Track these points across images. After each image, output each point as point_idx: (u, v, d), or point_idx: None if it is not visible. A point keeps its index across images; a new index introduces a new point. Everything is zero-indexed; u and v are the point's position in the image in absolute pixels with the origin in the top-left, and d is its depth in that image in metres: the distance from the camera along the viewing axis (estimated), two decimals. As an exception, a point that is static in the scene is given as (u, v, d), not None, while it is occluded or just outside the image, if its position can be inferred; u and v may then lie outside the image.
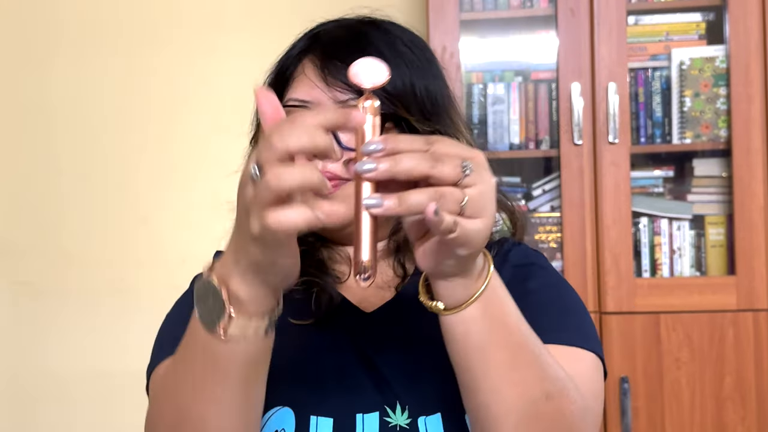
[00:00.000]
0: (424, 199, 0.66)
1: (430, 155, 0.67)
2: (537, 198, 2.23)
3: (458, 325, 0.75)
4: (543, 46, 2.24)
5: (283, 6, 2.54)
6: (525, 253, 1.05)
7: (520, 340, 0.76)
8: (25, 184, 2.62)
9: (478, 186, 0.68)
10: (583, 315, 0.99)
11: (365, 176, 0.67)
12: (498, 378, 0.76)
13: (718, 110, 2.15)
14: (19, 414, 2.61)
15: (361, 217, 0.68)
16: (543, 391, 0.76)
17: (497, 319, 0.75)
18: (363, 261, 0.68)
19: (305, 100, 0.98)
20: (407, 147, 0.67)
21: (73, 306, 2.59)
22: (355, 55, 0.96)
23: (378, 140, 0.67)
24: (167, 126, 2.59)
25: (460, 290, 0.74)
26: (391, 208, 0.66)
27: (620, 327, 2.08)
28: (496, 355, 0.75)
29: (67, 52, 2.61)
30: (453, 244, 0.69)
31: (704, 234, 2.17)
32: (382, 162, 0.66)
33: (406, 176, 0.66)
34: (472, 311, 0.74)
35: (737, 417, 2.05)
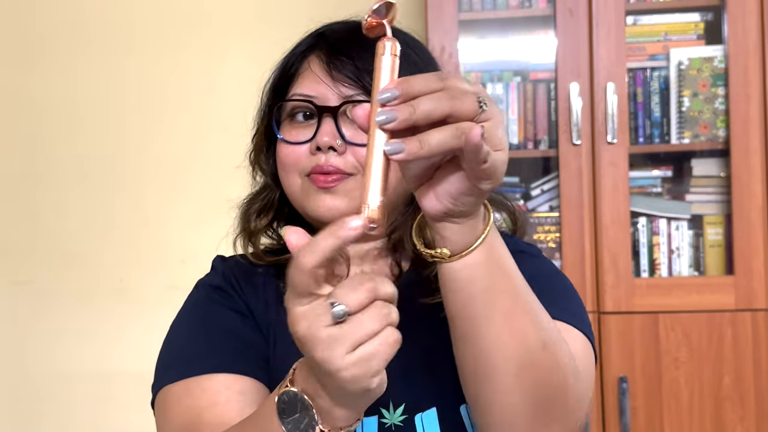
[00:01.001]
0: (447, 137, 0.64)
1: (446, 93, 0.65)
2: (536, 198, 2.24)
3: (462, 270, 0.74)
4: (542, 46, 2.25)
5: (284, 7, 2.54)
6: (516, 243, 1.05)
7: (518, 285, 0.77)
8: (24, 184, 2.63)
9: (494, 118, 0.67)
10: (573, 298, 1.00)
11: (385, 127, 0.64)
12: (500, 324, 0.75)
13: (716, 110, 2.15)
14: (19, 414, 2.61)
15: (371, 164, 0.65)
16: (540, 339, 0.76)
17: (499, 264, 0.75)
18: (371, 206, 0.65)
19: (310, 95, 0.98)
20: (423, 88, 0.65)
21: (73, 306, 2.59)
22: (361, 52, 0.97)
23: (392, 86, 0.65)
24: (167, 126, 2.59)
25: (467, 233, 0.73)
26: (413, 152, 0.64)
27: (619, 327, 2.08)
28: (498, 301, 0.75)
29: (66, 53, 2.61)
30: (483, 175, 0.68)
31: (703, 234, 2.17)
32: (400, 110, 0.64)
33: (426, 120, 0.64)
34: (477, 255, 0.73)
35: (736, 416, 2.06)
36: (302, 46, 1.03)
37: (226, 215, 1.15)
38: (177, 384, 0.93)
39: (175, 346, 1.00)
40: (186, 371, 0.94)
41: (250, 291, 1.04)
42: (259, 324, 1.01)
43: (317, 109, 0.97)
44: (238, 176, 1.13)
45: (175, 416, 0.91)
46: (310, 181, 0.97)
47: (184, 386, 0.93)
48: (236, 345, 0.97)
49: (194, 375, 0.93)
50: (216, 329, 0.99)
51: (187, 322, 1.02)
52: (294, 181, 0.99)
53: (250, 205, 1.09)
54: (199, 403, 0.90)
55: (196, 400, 0.91)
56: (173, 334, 1.02)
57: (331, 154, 0.96)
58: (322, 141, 0.95)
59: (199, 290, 1.06)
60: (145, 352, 1.01)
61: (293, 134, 0.99)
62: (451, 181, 0.69)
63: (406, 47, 1.04)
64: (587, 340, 0.94)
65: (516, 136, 2.23)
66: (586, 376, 0.88)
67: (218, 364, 0.94)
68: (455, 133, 0.64)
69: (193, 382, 0.93)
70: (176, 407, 0.92)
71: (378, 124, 0.64)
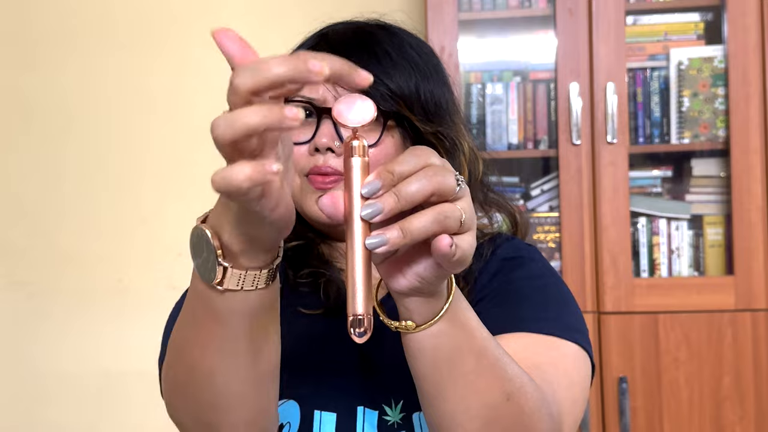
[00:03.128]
0: (429, 223, 0.63)
1: (426, 173, 0.63)
2: (535, 198, 2.23)
3: (427, 339, 0.72)
4: (541, 46, 2.24)
5: (285, 5, 2.54)
6: (516, 246, 1.05)
7: (483, 344, 0.75)
8: (23, 184, 2.62)
9: (466, 196, 0.66)
10: (566, 306, 0.99)
11: (373, 221, 0.62)
12: (464, 386, 0.74)
13: (716, 110, 2.15)
14: (19, 414, 2.60)
15: (355, 265, 0.63)
16: (504, 392, 0.75)
17: (463, 327, 0.73)
18: (358, 314, 0.63)
19: (311, 98, 0.99)
20: (401, 171, 0.63)
21: (72, 306, 2.58)
22: (362, 54, 0.98)
23: (373, 179, 0.63)
24: (166, 126, 2.58)
25: (432, 305, 0.71)
26: (396, 242, 0.62)
27: (618, 327, 2.08)
28: (463, 363, 0.74)
29: (65, 52, 2.60)
30: (452, 265, 0.66)
31: (702, 234, 2.17)
32: (384, 200, 0.62)
33: (411, 206, 0.63)
34: (441, 323, 0.71)
35: (735, 417, 2.05)
36: (304, 47, 1.04)
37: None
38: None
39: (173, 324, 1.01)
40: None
41: None
42: None
43: (316, 110, 0.98)
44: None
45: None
46: (308, 182, 0.98)
47: None
48: None
49: None
50: None
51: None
52: (294, 180, 1.00)
53: None
54: None
55: None
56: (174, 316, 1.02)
57: (329, 155, 0.97)
58: (320, 142, 0.96)
59: None
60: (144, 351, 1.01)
61: (293, 134, 0.99)
62: (420, 264, 0.67)
63: (409, 48, 1.04)
64: (580, 350, 0.94)
65: (516, 136, 2.23)
66: (569, 393, 0.88)
67: None
68: (436, 218, 0.63)
69: None
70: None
71: (364, 218, 0.63)
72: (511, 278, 1.00)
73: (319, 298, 1.00)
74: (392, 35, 1.03)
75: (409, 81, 1.00)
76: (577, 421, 0.90)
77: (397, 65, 1.01)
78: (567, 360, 0.92)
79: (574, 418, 0.89)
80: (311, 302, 1.01)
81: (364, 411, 0.94)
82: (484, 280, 1.00)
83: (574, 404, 0.90)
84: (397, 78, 1.00)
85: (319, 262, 1.03)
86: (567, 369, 0.91)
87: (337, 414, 0.93)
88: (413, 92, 0.99)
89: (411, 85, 0.99)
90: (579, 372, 0.93)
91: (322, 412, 0.94)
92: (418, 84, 1.00)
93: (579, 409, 0.91)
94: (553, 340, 0.92)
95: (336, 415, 0.93)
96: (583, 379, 0.93)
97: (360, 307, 0.63)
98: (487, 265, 1.01)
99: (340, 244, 1.05)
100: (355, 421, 0.93)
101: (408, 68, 1.01)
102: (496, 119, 2.24)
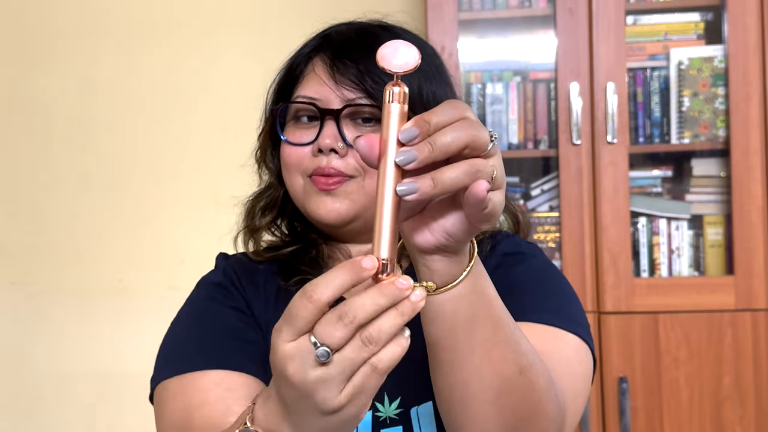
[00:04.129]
0: (461, 175, 0.63)
1: (462, 125, 0.63)
2: (535, 198, 2.23)
3: (447, 302, 0.72)
4: (541, 46, 2.24)
5: (284, 7, 2.54)
6: (516, 243, 1.06)
7: (500, 313, 0.75)
8: (24, 184, 2.62)
9: (498, 154, 0.66)
10: (568, 299, 1.00)
11: (408, 167, 0.62)
12: (480, 354, 0.74)
13: (716, 110, 2.15)
14: (19, 414, 2.60)
15: (383, 210, 0.63)
16: (518, 365, 0.76)
17: (482, 294, 0.74)
18: (382, 258, 0.63)
19: (313, 98, 0.99)
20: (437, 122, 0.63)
21: (72, 306, 2.59)
22: (365, 55, 0.98)
23: (410, 126, 0.63)
24: (167, 126, 2.58)
25: (455, 266, 0.71)
26: (427, 192, 0.62)
27: (619, 327, 2.08)
28: (480, 331, 0.74)
29: (66, 52, 2.60)
30: (481, 218, 0.66)
31: (703, 234, 2.17)
32: (419, 148, 0.62)
33: (445, 156, 0.63)
34: (462, 287, 0.72)
35: (735, 417, 2.05)
36: (308, 48, 1.05)
37: (225, 215, 1.15)
38: (172, 380, 0.95)
39: (172, 342, 1.02)
40: (181, 367, 0.96)
41: (251, 288, 1.05)
42: (258, 321, 1.03)
43: (320, 111, 0.98)
44: (238, 176, 1.13)
45: (171, 413, 0.94)
46: (311, 183, 0.99)
47: (179, 383, 0.95)
48: (231, 341, 0.98)
49: (188, 371, 0.95)
50: (213, 326, 1.00)
51: (185, 319, 1.04)
52: (296, 182, 1.01)
53: (255, 203, 1.11)
54: (192, 402, 0.92)
55: (189, 399, 0.92)
56: (172, 331, 1.04)
57: (333, 156, 0.98)
58: (323, 143, 0.97)
59: (200, 288, 1.08)
60: (144, 352, 1.02)
61: (297, 135, 1.01)
62: (448, 219, 0.68)
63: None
64: (582, 342, 0.94)
65: (516, 136, 2.23)
66: (571, 382, 0.89)
67: (212, 361, 0.95)
68: (469, 170, 0.63)
69: (187, 379, 0.94)
70: (171, 404, 0.94)
71: (398, 164, 0.62)
72: (512, 272, 1.00)
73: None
74: (395, 36, 1.03)
75: (412, 82, 1.00)
76: (578, 412, 0.90)
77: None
78: (569, 351, 0.92)
79: (576, 410, 0.89)
80: None
81: None
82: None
83: (576, 396, 0.90)
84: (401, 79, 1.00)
85: (310, 267, 1.03)
86: (570, 360, 0.91)
87: None
88: (416, 93, 0.99)
89: (414, 87, 0.99)
90: (581, 364, 0.93)
91: None
92: (421, 85, 1.00)
93: (581, 401, 0.91)
94: (555, 330, 0.92)
95: None
96: (585, 371, 0.94)
97: (385, 252, 0.63)
98: (488, 260, 1.02)
99: (342, 245, 1.06)
100: None
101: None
102: (496, 119, 2.23)
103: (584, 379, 0.93)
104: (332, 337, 0.60)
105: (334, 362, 0.61)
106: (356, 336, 0.61)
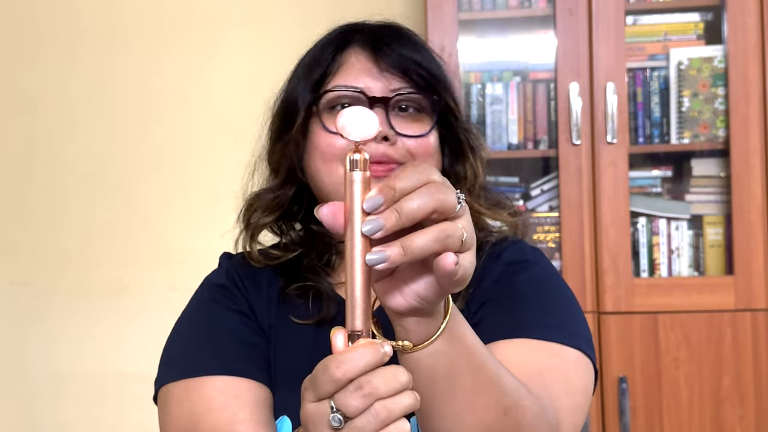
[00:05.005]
0: (431, 242, 0.62)
1: (428, 190, 0.62)
2: (535, 198, 2.23)
3: (425, 359, 0.71)
4: (541, 46, 2.24)
5: (284, 7, 2.54)
6: (521, 249, 1.05)
7: (480, 360, 0.74)
8: (24, 183, 2.62)
9: (466, 214, 0.65)
10: (570, 311, 0.99)
11: (375, 236, 0.61)
12: (461, 404, 0.73)
13: (716, 110, 2.15)
14: (18, 414, 2.60)
15: (354, 280, 0.63)
16: (501, 407, 0.75)
17: (461, 345, 0.72)
18: (357, 330, 0.63)
19: (356, 87, 0.99)
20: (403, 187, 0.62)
21: (72, 306, 2.58)
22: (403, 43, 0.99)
23: (375, 195, 0.62)
24: (167, 126, 2.58)
25: (430, 324, 0.69)
26: (396, 260, 0.61)
27: (618, 327, 2.08)
28: (461, 381, 0.73)
29: (65, 52, 2.60)
30: (452, 284, 0.65)
31: (702, 234, 2.17)
32: (386, 217, 0.61)
33: (412, 222, 0.62)
34: (439, 342, 0.70)
35: (735, 417, 2.05)
36: (336, 40, 1.03)
37: (225, 215, 1.15)
38: (177, 384, 0.95)
39: (177, 344, 1.01)
40: (186, 371, 0.95)
41: (253, 290, 1.05)
42: (260, 324, 1.02)
43: (369, 99, 0.97)
44: (238, 175, 1.13)
45: (177, 418, 0.93)
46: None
47: (184, 388, 0.94)
48: (236, 346, 0.98)
49: (193, 376, 0.94)
50: (217, 330, 1.00)
51: (189, 322, 1.04)
52: (337, 172, 0.99)
53: (255, 200, 1.09)
54: (197, 409, 0.92)
55: (194, 405, 0.92)
56: (177, 332, 1.03)
57: (383, 144, 0.97)
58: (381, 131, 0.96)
59: (204, 289, 1.07)
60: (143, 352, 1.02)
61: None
62: (419, 282, 0.66)
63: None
64: (583, 356, 0.94)
65: (516, 136, 2.23)
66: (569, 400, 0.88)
67: (217, 366, 0.95)
68: (438, 237, 0.62)
69: (192, 384, 0.94)
70: (177, 409, 0.94)
71: (367, 235, 0.62)
72: (514, 282, 0.99)
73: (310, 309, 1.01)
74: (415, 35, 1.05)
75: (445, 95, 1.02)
76: (577, 427, 0.90)
77: (433, 58, 1.03)
78: (569, 366, 0.92)
79: (573, 425, 0.89)
80: (303, 313, 1.01)
81: None
82: (488, 283, 1.00)
83: (574, 411, 0.89)
84: (435, 69, 1.01)
85: (312, 273, 1.03)
86: (569, 376, 0.91)
87: None
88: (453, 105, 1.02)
89: (450, 101, 1.02)
90: (581, 379, 0.93)
91: None
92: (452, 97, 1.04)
93: (580, 416, 0.91)
94: (555, 346, 0.92)
95: None
96: (585, 385, 0.93)
97: (359, 323, 0.63)
98: (492, 268, 1.01)
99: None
100: None
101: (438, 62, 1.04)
102: (495, 119, 2.23)
103: (584, 393, 0.92)
104: (349, 407, 0.62)
105: (345, 429, 0.62)
106: (371, 408, 0.62)
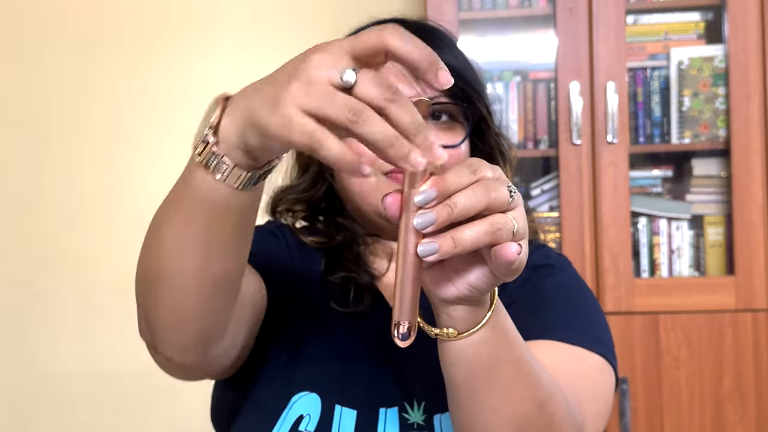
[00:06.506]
0: (481, 234, 0.62)
1: (481, 187, 0.63)
2: (536, 198, 2.23)
3: (469, 347, 0.71)
4: (541, 45, 2.24)
5: (283, 5, 2.54)
6: (546, 254, 1.05)
7: (520, 352, 0.75)
8: (22, 183, 2.62)
9: (519, 207, 0.65)
10: (595, 318, 0.99)
11: (426, 230, 0.62)
12: (500, 395, 0.74)
13: (716, 110, 2.15)
14: (17, 414, 2.60)
15: (405, 270, 0.63)
16: (537, 401, 0.75)
17: (503, 335, 0.73)
18: (404, 321, 0.63)
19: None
20: (458, 185, 0.62)
21: (71, 306, 2.58)
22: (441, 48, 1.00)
23: (428, 188, 0.62)
24: (166, 126, 2.58)
25: (476, 313, 0.70)
26: (447, 252, 0.61)
27: (619, 327, 2.08)
28: (501, 372, 0.73)
29: (64, 51, 2.60)
30: (508, 273, 0.65)
31: (703, 234, 2.17)
32: (438, 211, 0.61)
33: (464, 217, 0.62)
34: (483, 331, 0.71)
35: (736, 417, 2.05)
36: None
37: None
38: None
39: None
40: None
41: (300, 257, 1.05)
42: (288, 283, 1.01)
43: None
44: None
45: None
46: (389, 179, 0.96)
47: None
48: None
49: None
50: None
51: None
52: (367, 179, 0.98)
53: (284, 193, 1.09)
54: None
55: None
56: None
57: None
58: None
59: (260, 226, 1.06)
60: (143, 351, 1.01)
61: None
62: (472, 272, 0.67)
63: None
64: (606, 364, 0.94)
65: (516, 136, 2.23)
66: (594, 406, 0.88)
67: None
68: (489, 229, 0.62)
69: None
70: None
71: (419, 229, 0.62)
72: (541, 286, 0.99)
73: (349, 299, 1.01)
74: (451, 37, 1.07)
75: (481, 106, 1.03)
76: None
77: (468, 64, 1.04)
78: (593, 372, 0.91)
79: (596, 430, 0.89)
80: (343, 299, 1.01)
81: (386, 411, 0.94)
82: (514, 285, 0.99)
83: (597, 417, 0.89)
84: (470, 76, 1.02)
85: (354, 264, 1.03)
86: (593, 382, 0.91)
87: (358, 411, 0.93)
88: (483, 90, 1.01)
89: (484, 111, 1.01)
90: (604, 385, 0.93)
91: (343, 408, 0.94)
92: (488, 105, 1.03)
93: (602, 422, 0.91)
94: (580, 351, 0.91)
95: (356, 412, 0.93)
96: (607, 392, 0.93)
97: (406, 315, 0.63)
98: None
99: (385, 241, 1.05)
100: (377, 420, 0.93)
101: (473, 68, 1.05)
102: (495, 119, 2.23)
103: (605, 401, 0.92)
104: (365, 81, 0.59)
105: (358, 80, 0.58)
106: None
